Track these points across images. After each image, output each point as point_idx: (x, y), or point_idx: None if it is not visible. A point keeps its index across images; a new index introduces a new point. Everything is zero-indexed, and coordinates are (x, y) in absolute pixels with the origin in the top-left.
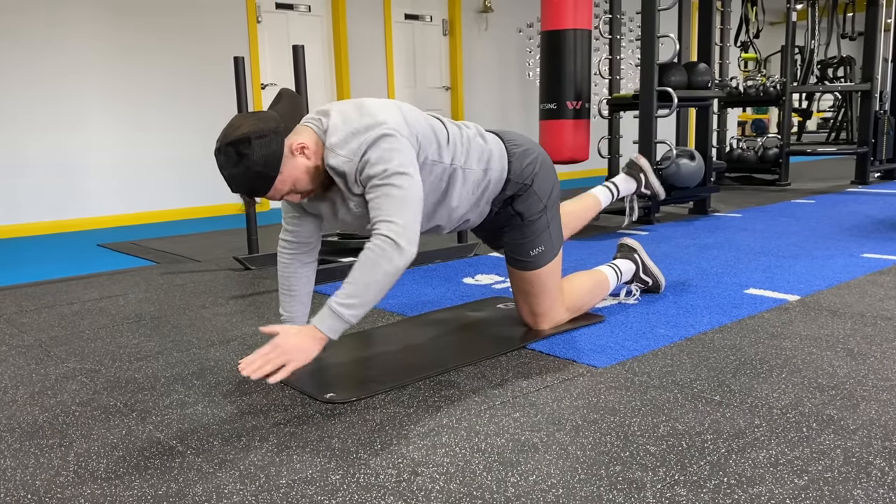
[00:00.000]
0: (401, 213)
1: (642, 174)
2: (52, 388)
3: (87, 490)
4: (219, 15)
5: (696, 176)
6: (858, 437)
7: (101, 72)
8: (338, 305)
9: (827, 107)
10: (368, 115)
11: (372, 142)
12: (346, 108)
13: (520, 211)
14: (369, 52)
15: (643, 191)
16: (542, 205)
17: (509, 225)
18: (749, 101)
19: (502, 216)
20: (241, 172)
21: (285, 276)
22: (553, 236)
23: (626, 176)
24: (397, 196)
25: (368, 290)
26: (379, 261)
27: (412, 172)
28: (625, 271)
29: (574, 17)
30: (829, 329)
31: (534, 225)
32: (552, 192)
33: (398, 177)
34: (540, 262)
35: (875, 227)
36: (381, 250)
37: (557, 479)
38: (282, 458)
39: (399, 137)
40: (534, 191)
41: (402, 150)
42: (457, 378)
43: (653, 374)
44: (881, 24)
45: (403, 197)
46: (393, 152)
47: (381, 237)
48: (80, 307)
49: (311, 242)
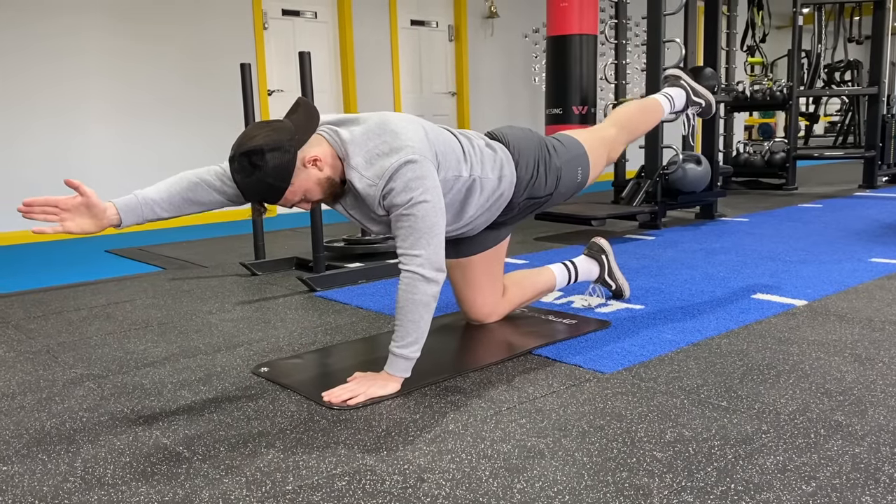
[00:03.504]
0: (425, 243)
1: (603, 255)
2: (60, 394)
3: (95, 496)
4: (225, 22)
5: (702, 180)
6: (867, 443)
7: (109, 79)
8: (398, 349)
9: (834, 111)
10: (391, 135)
11: (396, 169)
12: (368, 124)
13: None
14: (375, 58)
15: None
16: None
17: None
18: (756, 105)
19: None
20: (253, 182)
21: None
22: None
23: (586, 258)
24: (421, 228)
25: (417, 325)
26: (413, 298)
27: (435, 199)
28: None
29: (580, 22)
30: (836, 334)
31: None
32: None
33: (422, 206)
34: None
35: (883, 231)
36: (412, 287)
37: (564, 485)
38: (288, 464)
39: (423, 162)
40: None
41: (425, 177)
42: (462, 384)
43: (659, 380)
44: (888, 28)
45: (428, 228)
46: (417, 181)
47: (408, 274)
48: (87, 313)
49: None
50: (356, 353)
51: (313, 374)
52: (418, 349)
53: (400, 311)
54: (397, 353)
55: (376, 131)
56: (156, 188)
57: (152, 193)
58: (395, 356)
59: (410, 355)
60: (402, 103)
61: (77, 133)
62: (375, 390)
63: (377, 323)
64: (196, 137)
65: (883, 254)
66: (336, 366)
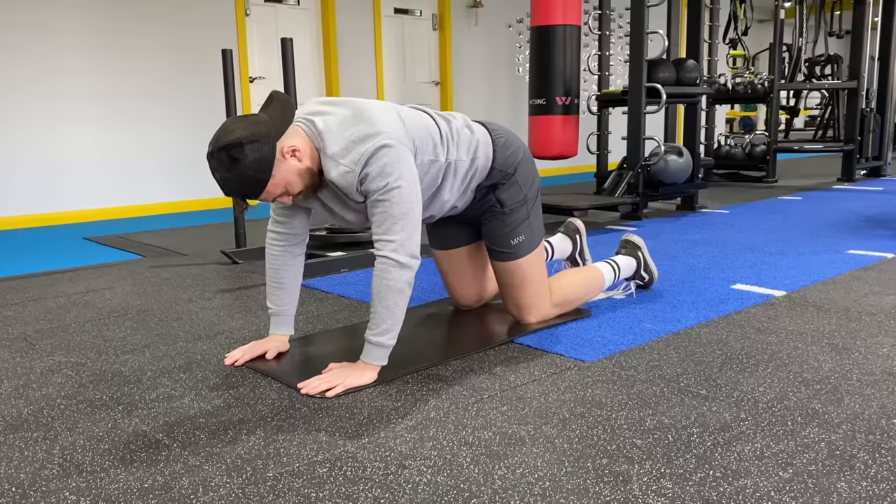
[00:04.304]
0: (399, 229)
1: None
2: (37, 382)
3: (73, 483)
4: (207, 7)
5: (683, 172)
6: (842, 430)
7: (87, 63)
8: (373, 336)
9: (814, 104)
10: (367, 122)
11: (372, 153)
12: (342, 112)
13: (501, 199)
14: (358, 47)
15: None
16: (522, 195)
17: (490, 213)
18: (737, 98)
19: (484, 204)
20: (233, 177)
21: (274, 269)
22: (533, 228)
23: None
24: (395, 213)
25: (392, 312)
26: (387, 284)
27: (410, 184)
28: (624, 267)
29: (563, 12)
30: (814, 324)
31: (514, 214)
32: (533, 184)
33: (397, 191)
34: (520, 251)
35: (860, 223)
36: (386, 272)
37: (544, 471)
38: (269, 451)
39: (398, 147)
40: (515, 179)
41: (401, 162)
42: (444, 372)
43: (640, 369)
44: (868, 23)
45: (402, 213)
46: (392, 165)
47: (382, 259)
48: (65, 300)
49: (300, 234)
50: (337, 341)
51: (294, 361)
52: (394, 336)
53: (374, 298)
54: (373, 341)
55: (352, 120)
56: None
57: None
58: (371, 344)
59: (386, 343)
60: (385, 92)
61: (57, 119)
62: (352, 381)
63: (359, 312)
64: (176, 124)
65: (860, 246)
66: (317, 353)
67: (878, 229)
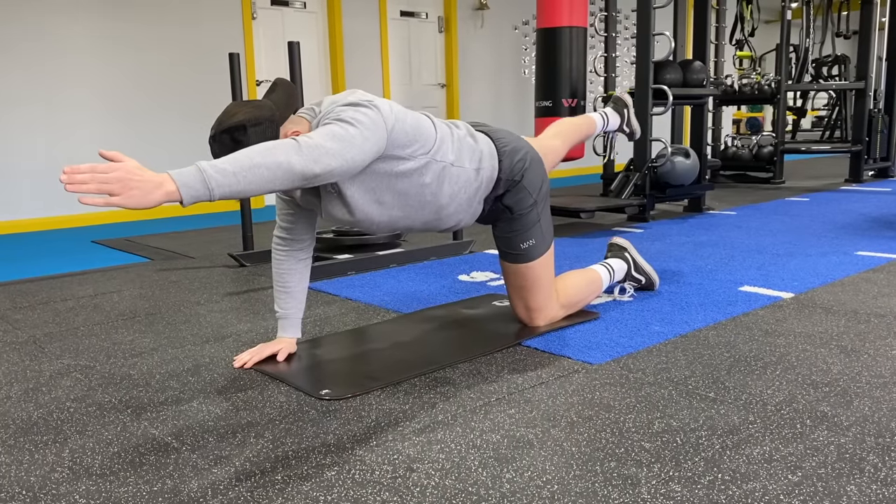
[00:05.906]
0: (326, 139)
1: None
2: (47, 385)
3: (83, 486)
4: (214, 11)
5: (690, 174)
6: (852, 433)
7: (95, 66)
8: (207, 165)
9: (821, 105)
10: (355, 95)
11: (346, 104)
12: (338, 95)
13: (509, 205)
14: (365, 49)
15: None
16: (531, 199)
17: (501, 219)
18: (744, 99)
19: (494, 211)
20: None
21: (280, 273)
22: (544, 231)
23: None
24: (335, 132)
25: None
26: (276, 150)
27: (364, 134)
28: (617, 269)
29: (570, 14)
30: (822, 326)
31: (524, 218)
32: (542, 188)
33: (345, 124)
34: (532, 255)
35: (869, 225)
36: (283, 144)
37: (552, 475)
38: (277, 454)
39: (375, 110)
40: (523, 186)
41: (367, 118)
42: (452, 375)
43: (647, 371)
44: (875, 23)
45: (340, 136)
46: (359, 113)
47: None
48: (74, 303)
49: (305, 239)
50: (345, 343)
51: (302, 364)
52: (222, 186)
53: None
54: (203, 167)
55: (345, 94)
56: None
57: (294, 311)
58: (198, 169)
59: (211, 182)
60: (392, 94)
61: (63, 123)
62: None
63: (366, 314)
64: (183, 127)
65: (868, 247)
66: (325, 356)
67: (887, 231)
